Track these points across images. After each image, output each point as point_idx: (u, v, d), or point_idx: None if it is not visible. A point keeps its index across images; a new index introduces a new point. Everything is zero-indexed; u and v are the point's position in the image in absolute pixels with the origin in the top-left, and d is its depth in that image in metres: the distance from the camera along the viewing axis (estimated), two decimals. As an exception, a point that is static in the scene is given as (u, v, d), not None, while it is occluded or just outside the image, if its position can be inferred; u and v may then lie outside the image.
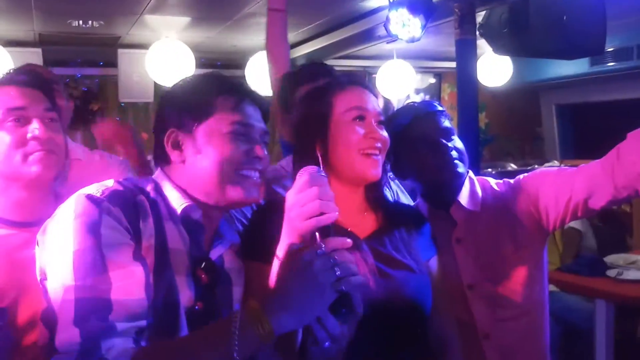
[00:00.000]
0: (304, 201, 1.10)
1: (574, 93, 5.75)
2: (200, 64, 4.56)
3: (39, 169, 1.33)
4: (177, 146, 1.22)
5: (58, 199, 1.43)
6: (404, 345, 1.32)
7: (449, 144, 1.61)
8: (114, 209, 1.08)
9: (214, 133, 1.20)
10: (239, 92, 1.26)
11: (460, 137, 1.69)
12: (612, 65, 4.91)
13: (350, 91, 1.37)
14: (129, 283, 1.04)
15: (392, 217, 1.43)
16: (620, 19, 3.91)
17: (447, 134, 1.63)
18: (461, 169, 1.62)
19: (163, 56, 4.43)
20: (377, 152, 1.34)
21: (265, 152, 1.24)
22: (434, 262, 1.45)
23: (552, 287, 3.48)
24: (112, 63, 4.96)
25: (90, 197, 1.09)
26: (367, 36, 4.38)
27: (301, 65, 2.09)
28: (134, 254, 1.08)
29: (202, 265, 1.20)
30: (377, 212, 1.41)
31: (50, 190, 1.41)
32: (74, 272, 1.02)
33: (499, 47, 3.24)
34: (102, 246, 1.04)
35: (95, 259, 1.03)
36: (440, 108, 1.68)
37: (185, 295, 1.15)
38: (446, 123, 1.65)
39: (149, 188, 1.21)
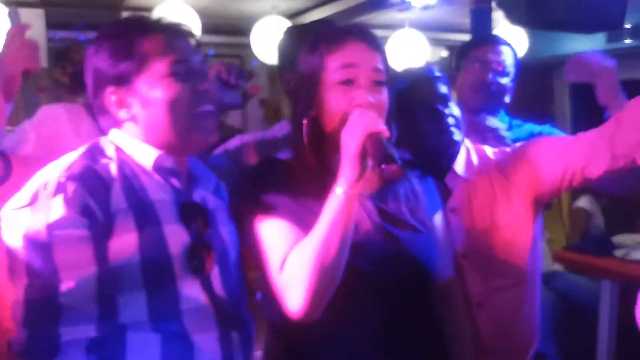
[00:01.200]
0: (351, 120, 1.14)
1: (588, 70, 5.60)
2: (205, 30, 4.46)
3: None
4: (122, 104, 1.15)
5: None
6: (409, 307, 1.28)
7: (446, 111, 1.56)
8: (72, 188, 1.04)
9: (155, 80, 1.13)
10: (165, 29, 1.18)
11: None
12: (629, 43, 4.77)
13: (341, 47, 1.24)
14: (79, 284, 1.02)
15: None
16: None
17: (444, 100, 1.57)
18: (457, 136, 1.57)
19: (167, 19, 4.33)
20: None
21: (211, 84, 1.20)
22: (439, 218, 1.41)
23: (557, 266, 3.44)
24: (116, 26, 4.90)
25: (46, 187, 1.05)
26: (379, 3, 4.28)
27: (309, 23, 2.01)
28: (89, 241, 1.04)
29: (190, 209, 1.17)
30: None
31: None
32: (26, 270, 1.02)
33: (515, 17, 3.11)
34: (52, 245, 1.02)
35: (44, 259, 1.02)
36: (438, 74, 1.61)
37: (180, 241, 1.13)
38: (443, 89, 1.58)
39: (111, 151, 1.16)
